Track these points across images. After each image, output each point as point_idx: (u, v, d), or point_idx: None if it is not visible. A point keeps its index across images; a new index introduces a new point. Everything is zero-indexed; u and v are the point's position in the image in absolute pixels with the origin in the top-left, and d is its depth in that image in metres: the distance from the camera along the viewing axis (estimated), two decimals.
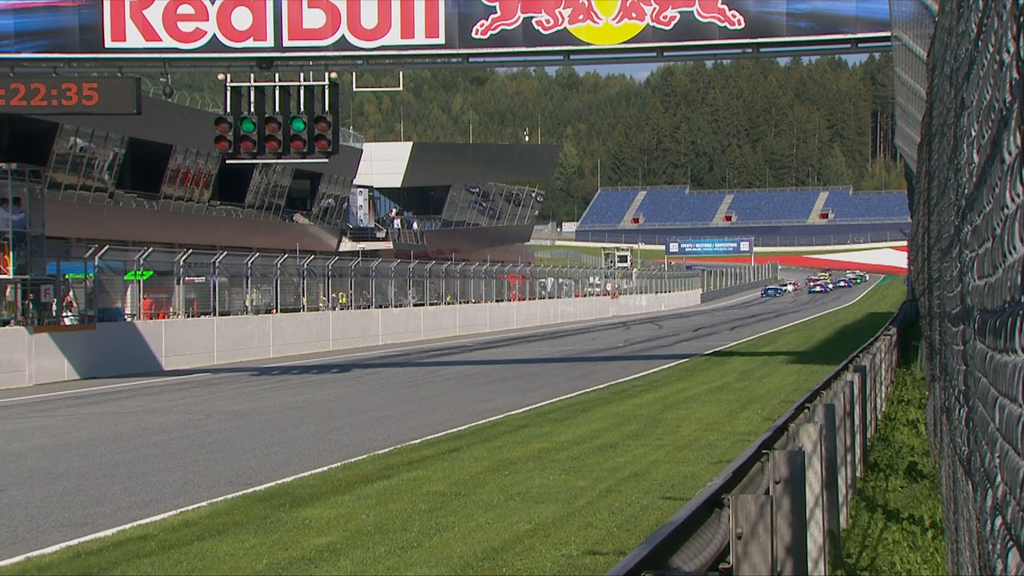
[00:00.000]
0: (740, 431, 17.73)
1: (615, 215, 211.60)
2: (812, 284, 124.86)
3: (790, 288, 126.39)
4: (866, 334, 33.79)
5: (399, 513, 11.77)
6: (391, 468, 14.72)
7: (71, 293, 36.75)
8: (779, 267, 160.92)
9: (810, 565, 6.33)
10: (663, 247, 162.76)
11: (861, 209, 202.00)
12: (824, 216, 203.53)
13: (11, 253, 32.81)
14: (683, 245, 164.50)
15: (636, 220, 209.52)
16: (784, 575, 5.56)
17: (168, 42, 27.73)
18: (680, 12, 26.77)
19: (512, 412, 21.31)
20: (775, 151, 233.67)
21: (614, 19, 26.86)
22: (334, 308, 51.45)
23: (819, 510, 7.70)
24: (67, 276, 36.36)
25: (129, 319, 38.07)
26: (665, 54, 27.61)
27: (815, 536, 7.49)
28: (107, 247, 37.47)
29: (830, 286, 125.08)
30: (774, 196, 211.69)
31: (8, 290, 33.68)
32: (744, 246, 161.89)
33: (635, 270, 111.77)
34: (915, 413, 18.58)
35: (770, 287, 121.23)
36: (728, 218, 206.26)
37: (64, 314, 35.56)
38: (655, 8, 26.75)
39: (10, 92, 27.11)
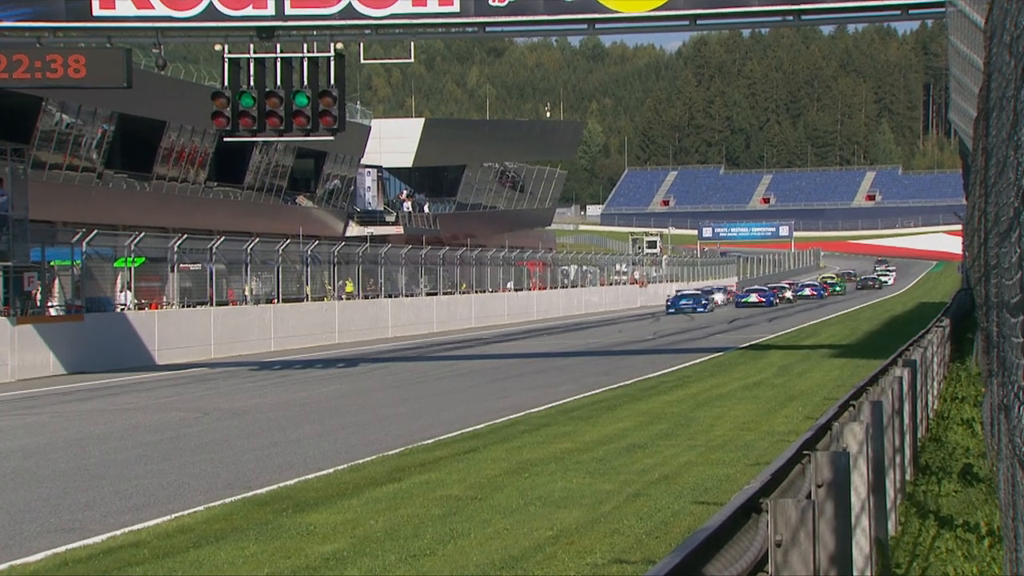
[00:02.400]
0: (779, 431, 17.71)
1: (643, 197, 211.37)
2: (755, 293, 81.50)
3: (719, 298, 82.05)
4: (917, 325, 33.70)
5: (411, 519, 11.80)
6: (402, 470, 14.75)
7: (57, 281, 36.89)
8: (821, 253, 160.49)
9: (855, 575, 6.32)
10: (695, 232, 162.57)
11: (911, 190, 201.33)
12: (871, 198, 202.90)
13: None
14: (717, 229, 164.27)
15: (666, 203, 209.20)
16: None
17: (161, 10, 27.78)
18: None
19: (532, 410, 21.33)
20: (818, 127, 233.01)
21: None
22: (340, 298, 51.55)
23: (865, 516, 7.68)
24: (52, 263, 36.50)
25: (119, 309, 38.20)
26: (698, 22, 27.53)
27: (861, 544, 7.47)
28: (95, 232, 37.60)
29: (807, 291, 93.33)
30: (816, 176, 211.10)
31: None
32: (783, 231, 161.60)
33: (665, 256, 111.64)
34: (970, 411, 18.52)
35: (685, 295, 74.37)
36: (766, 200, 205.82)
37: (49, 304, 35.71)
38: None
39: None
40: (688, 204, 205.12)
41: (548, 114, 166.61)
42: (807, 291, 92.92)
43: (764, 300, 79.44)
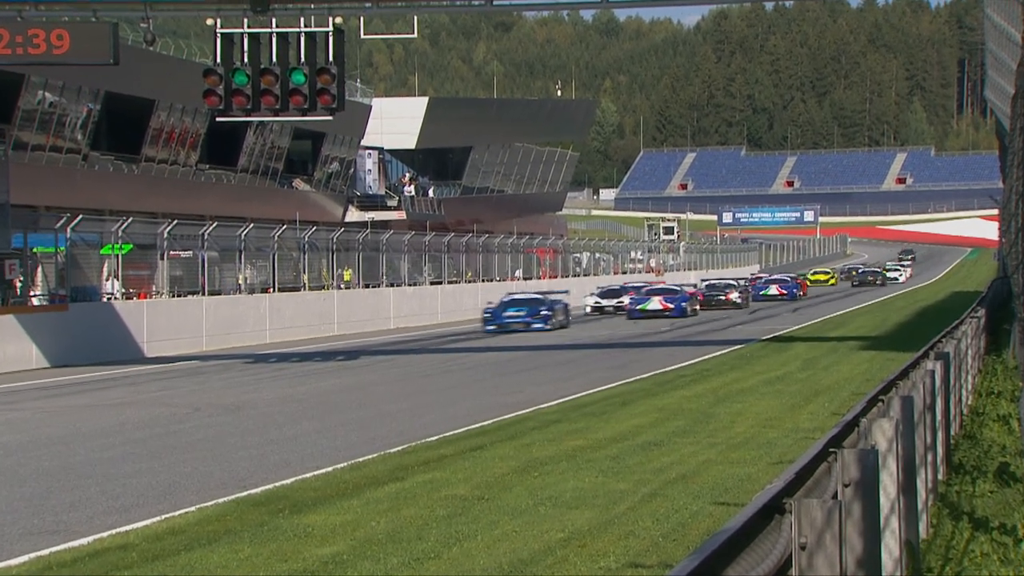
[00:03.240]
0: (804, 427, 17.71)
1: (660, 181, 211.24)
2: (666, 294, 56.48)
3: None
4: (950, 316, 33.66)
5: (414, 520, 11.82)
6: (405, 469, 14.77)
7: (39, 269, 36.95)
8: (848, 240, 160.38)
9: None
10: (715, 217, 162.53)
11: (944, 173, 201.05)
12: (901, 181, 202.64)
13: None
14: (738, 215, 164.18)
15: (684, 186, 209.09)
16: None
17: None
18: None
19: (542, 405, 21.35)
20: (845, 106, 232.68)
21: None
22: (339, 287, 51.60)
23: (895, 517, 7.68)
24: (35, 250, 36.57)
25: (106, 299, 38.28)
26: None
27: (890, 547, 7.47)
28: (81, 217, 37.64)
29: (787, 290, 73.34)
30: (843, 158, 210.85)
31: None
32: (808, 215, 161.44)
33: (683, 243, 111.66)
34: (1007, 407, 18.50)
35: (516, 300, 49.89)
36: (790, 184, 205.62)
37: (32, 293, 35.77)
38: None
39: None
40: (707, 188, 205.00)
41: (559, 93, 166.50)
42: (773, 289, 71.98)
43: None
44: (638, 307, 54.83)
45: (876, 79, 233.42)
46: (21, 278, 35.03)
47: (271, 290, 46.56)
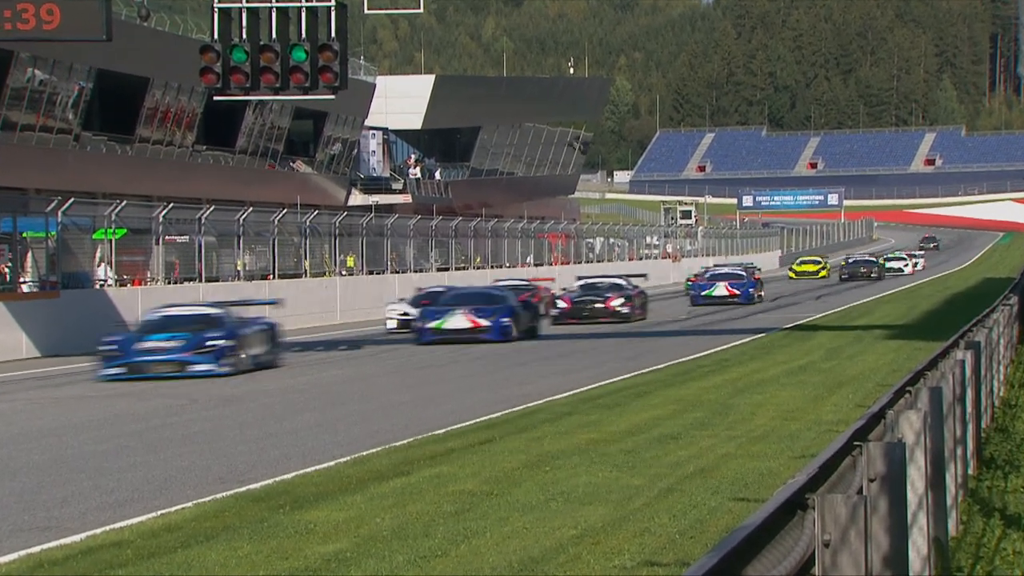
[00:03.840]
0: (827, 420, 17.71)
1: (677, 162, 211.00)
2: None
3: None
4: (981, 303, 33.58)
5: (420, 516, 11.84)
6: (410, 463, 14.79)
7: (29, 255, 37.01)
8: (875, 224, 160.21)
9: None
10: (734, 200, 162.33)
11: (975, 154, 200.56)
12: (930, 162, 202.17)
13: None
14: (759, 198, 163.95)
15: (702, 168, 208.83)
16: None
17: None
18: None
19: (554, 397, 21.37)
20: (871, 84, 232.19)
21: None
22: (342, 273, 51.64)
23: (923, 513, 7.68)
24: (25, 234, 36.63)
25: (99, 286, 38.33)
26: None
27: (918, 544, 7.47)
28: (72, 200, 37.70)
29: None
30: (869, 138, 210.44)
31: None
32: (832, 199, 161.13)
33: (701, 228, 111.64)
34: None
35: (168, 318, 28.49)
36: (813, 165, 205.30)
37: (21, 280, 35.83)
38: None
39: None
40: (726, 170, 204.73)
41: (571, 70, 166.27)
42: (722, 288, 54.22)
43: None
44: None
45: (904, 55, 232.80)
46: (10, 264, 35.10)
47: (271, 277, 46.59)
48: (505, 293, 37.45)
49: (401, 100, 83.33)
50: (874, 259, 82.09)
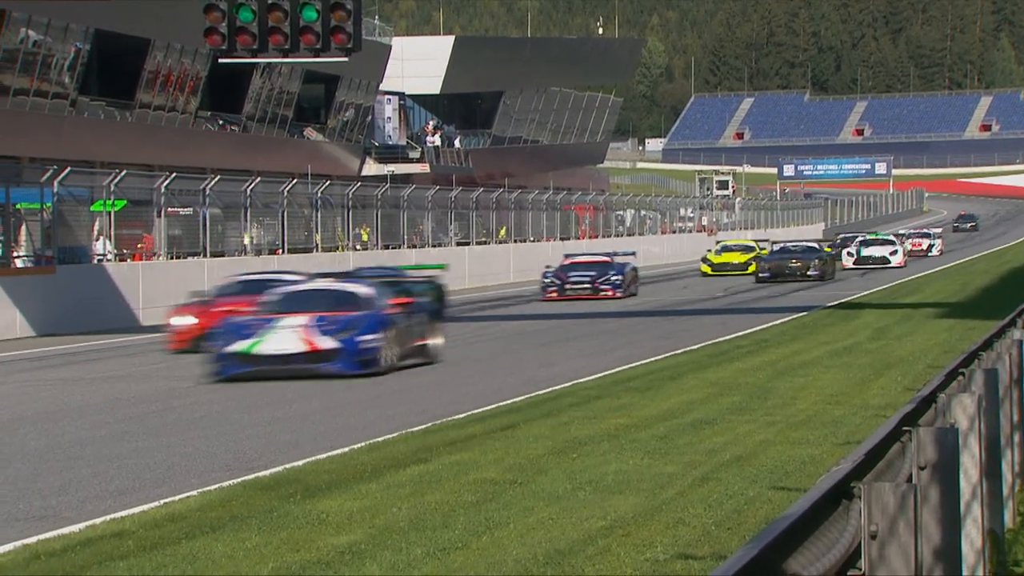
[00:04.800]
0: (874, 404, 17.68)
1: (713, 129, 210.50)
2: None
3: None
4: None
5: (439, 506, 11.87)
6: (429, 449, 14.83)
7: (23, 227, 37.14)
8: (925, 194, 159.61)
9: (965, 572, 6.32)
10: (774, 170, 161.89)
11: None
12: (986, 128, 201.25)
13: None
14: (800, 167, 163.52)
15: (740, 135, 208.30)
16: None
17: None
18: None
19: (581, 380, 21.37)
20: (922, 44, 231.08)
21: None
22: (355, 248, 51.70)
23: (977, 504, 7.67)
24: (18, 206, 36.76)
25: (97, 261, 38.47)
26: None
27: (972, 537, 7.46)
28: (69, 169, 37.80)
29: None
30: (920, 103, 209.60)
31: None
32: (880, 168, 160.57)
33: (738, 199, 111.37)
34: None
35: None
36: (859, 132, 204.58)
37: (15, 254, 35.97)
38: None
39: None
40: (766, 137, 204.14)
41: (600, 31, 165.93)
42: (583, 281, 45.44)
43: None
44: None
45: (958, 14, 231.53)
46: (2, 238, 35.24)
47: (280, 251, 46.67)
48: (376, 293, 24.02)
49: (418, 63, 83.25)
50: (816, 246, 57.62)
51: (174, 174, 42.67)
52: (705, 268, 61.82)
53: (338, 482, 13.12)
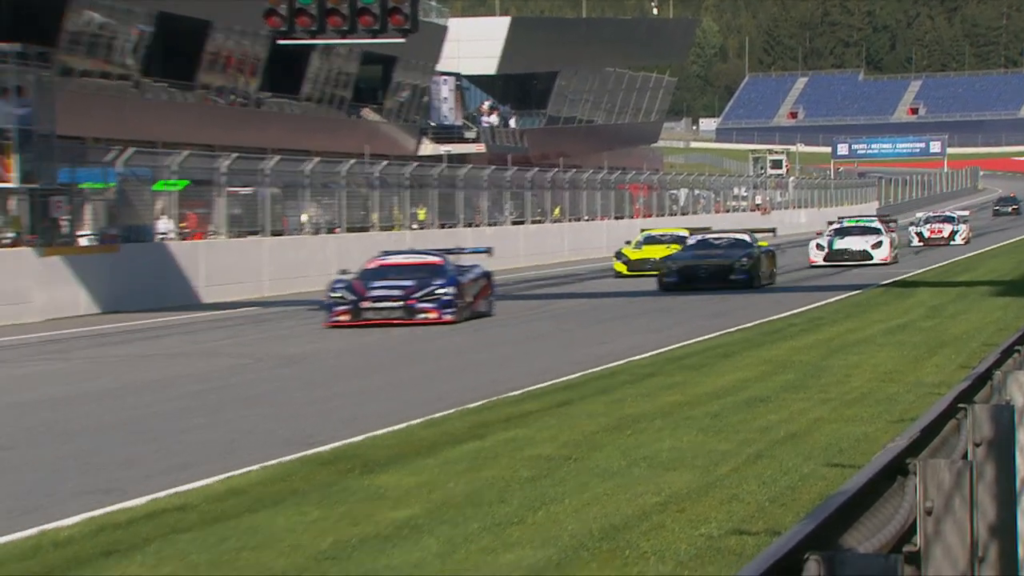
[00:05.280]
0: (928, 382, 17.57)
1: (767, 109, 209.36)
2: None
3: None
4: None
5: (495, 481, 11.89)
6: (485, 426, 14.85)
7: (88, 207, 37.41)
8: (980, 173, 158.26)
9: (1019, 548, 6.29)
10: (828, 149, 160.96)
11: None
12: None
13: (15, 156, 33.43)
14: (854, 146, 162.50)
15: (794, 115, 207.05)
16: (989, 560, 5.52)
17: None
18: None
19: (635, 357, 21.34)
20: (978, 23, 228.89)
21: None
22: (412, 227, 51.79)
23: None
24: (83, 185, 37.00)
25: (159, 239, 38.71)
26: None
27: None
28: (132, 150, 38.06)
29: None
30: (976, 81, 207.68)
31: (12, 202, 34.39)
32: (935, 146, 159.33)
33: (792, 178, 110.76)
34: None
35: None
36: (914, 111, 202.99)
37: (80, 233, 36.24)
38: None
39: None
40: (820, 116, 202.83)
41: (655, 10, 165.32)
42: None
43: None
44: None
45: None
46: (68, 216, 35.50)
47: (338, 230, 46.81)
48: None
49: (474, 44, 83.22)
50: (747, 238, 40.02)
51: (235, 155, 42.85)
52: (620, 267, 46.54)
53: (396, 457, 13.16)
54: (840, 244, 48.20)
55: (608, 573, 8.89)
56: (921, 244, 57.92)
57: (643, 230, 50.53)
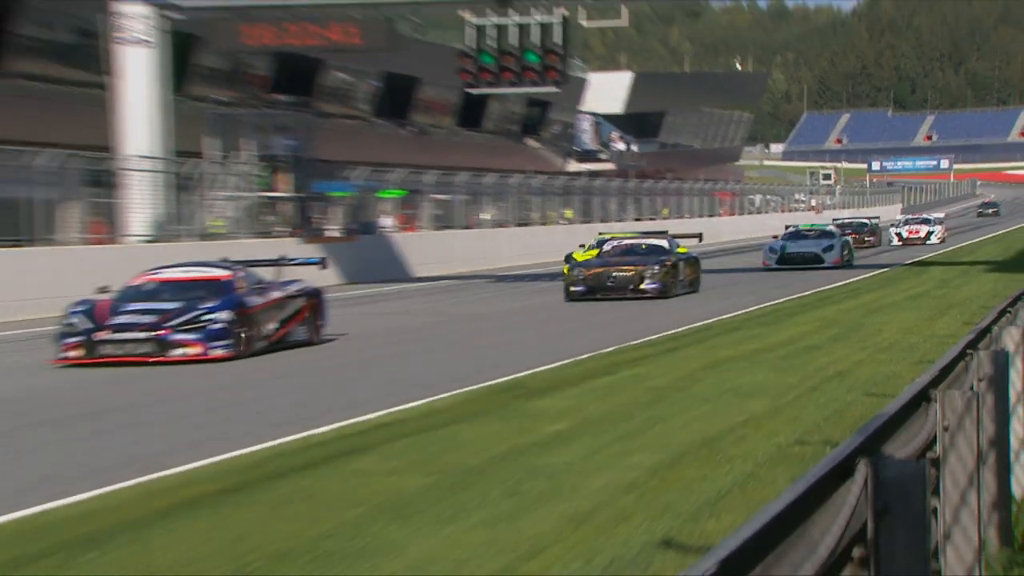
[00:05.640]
0: (940, 334, 17.07)
1: (820, 136, 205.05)
2: None
3: None
4: None
5: (623, 405, 11.83)
6: (615, 365, 14.79)
7: (336, 209, 38.01)
8: (978, 183, 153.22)
9: (1012, 456, 6.10)
10: (865, 166, 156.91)
11: None
12: None
13: (288, 175, 34.14)
14: (884, 164, 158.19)
15: (840, 141, 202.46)
16: (988, 464, 5.37)
17: None
18: None
19: (723, 316, 21.08)
20: (977, 73, 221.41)
21: None
22: (561, 223, 51.71)
23: (1021, 406, 7.38)
24: (331, 194, 37.62)
25: (384, 232, 39.17)
26: None
27: (1017, 431, 7.19)
28: (367, 169, 38.56)
29: None
30: (975, 116, 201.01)
31: (287, 207, 35.12)
32: (944, 163, 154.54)
33: (838, 187, 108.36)
34: None
35: None
36: (929, 138, 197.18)
37: (328, 227, 36.83)
38: None
39: (282, 31, 28.02)
40: (859, 142, 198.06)
41: (739, 67, 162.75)
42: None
43: None
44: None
45: (1005, 50, 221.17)
46: (321, 216, 36.14)
47: (509, 225, 46.95)
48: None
49: (607, 91, 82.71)
50: (666, 244, 27.89)
51: (437, 172, 43.17)
52: (567, 269, 27.68)
53: (551, 387, 13.16)
54: (793, 248, 36.48)
55: (706, 471, 8.80)
56: (900, 243, 50.49)
57: (600, 233, 34.46)
